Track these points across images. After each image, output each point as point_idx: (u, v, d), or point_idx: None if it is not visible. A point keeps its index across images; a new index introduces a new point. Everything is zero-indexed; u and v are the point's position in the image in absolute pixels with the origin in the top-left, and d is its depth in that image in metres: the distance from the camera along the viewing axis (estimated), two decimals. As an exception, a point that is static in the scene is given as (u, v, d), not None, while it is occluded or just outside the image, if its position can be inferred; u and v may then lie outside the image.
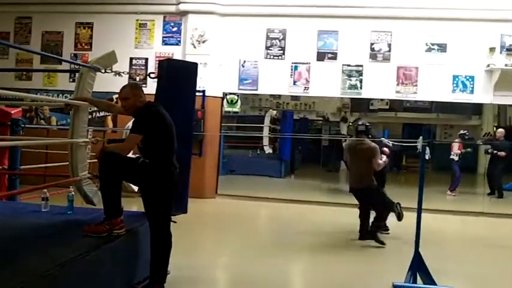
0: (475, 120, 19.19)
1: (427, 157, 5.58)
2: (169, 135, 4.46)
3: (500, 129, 13.30)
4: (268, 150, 16.77)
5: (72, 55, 11.44)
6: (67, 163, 5.32)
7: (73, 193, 5.16)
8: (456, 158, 12.82)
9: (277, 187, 13.11)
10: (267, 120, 17.03)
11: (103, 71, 5.36)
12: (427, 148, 5.54)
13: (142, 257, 4.62)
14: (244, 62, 10.88)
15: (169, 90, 5.34)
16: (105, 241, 4.06)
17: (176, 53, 10.95)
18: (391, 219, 8.72)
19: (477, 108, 19.92)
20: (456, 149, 12.90)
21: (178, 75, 5.45)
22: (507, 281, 6.00)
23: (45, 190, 5.14)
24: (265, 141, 16.79)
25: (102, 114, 11.13)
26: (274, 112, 17.02)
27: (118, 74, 5.42)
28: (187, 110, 5.56)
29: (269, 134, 16.14)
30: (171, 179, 4.46)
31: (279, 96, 19.57)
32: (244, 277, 5.62)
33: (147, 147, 4.43)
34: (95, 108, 9.43)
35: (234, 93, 11.64)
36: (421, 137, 5.68)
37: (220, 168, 14.90)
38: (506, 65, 10.08)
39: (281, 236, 7.84)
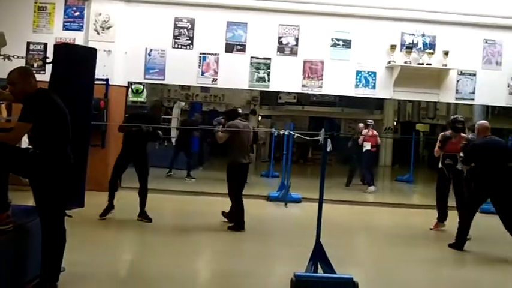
0: (377, 115, 20.04)
1: (328, 149, 5.67)
2: (62, 123, 4.19)
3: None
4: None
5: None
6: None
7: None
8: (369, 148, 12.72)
9: (190, 181, 12.93)
10: (175, 112, 16.74)
11: (-9, 53, 4.96)
12: (329, 140, 5.63)
13: (33, 254, 4.33)
14: (151, 50, 10.56)
15: (65, 76, 5.04)
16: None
17: (78, 38, 10.40)
18: (293, 210, 8.93)
19: (379, 103, 20.87)
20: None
21: (75, 61, 5.16)
22: (405, 269, 6.27)
23: None
24: (173, 133, 16.49)
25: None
26: (183, 103, 16.77)
27: (7, 58, 5.04)
28: (84, 98, 5.29)
29: (178, 126, 15.79)
30: (64, 170, 4.20)
31: (189, 87, 19.36)
32: (140, 274, 5.44)
33: (37, 136, 4.14)
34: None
35: (139, 83, 11.29)
36: (323, 130, 5.78)
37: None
38: (405, 62, 10.53)
39: (182, 229, 7.64)
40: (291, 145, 10.80)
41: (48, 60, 5.27)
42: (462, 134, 8.34)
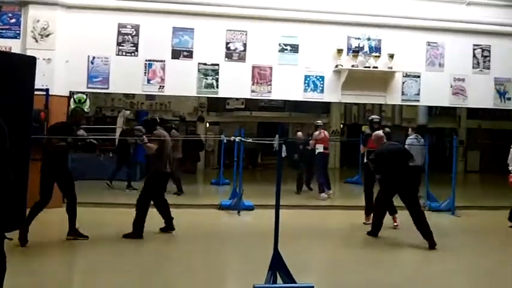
0: (324, 118, 20.18)
1: (283, 154, 5.57)
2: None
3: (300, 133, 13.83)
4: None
5: None
6: None
7: None
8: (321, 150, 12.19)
9: (130, 192, 12.49)
10: (119, 121, 16.22)
11: None
12: (284, 146, 5.53)
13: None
14: (94, 58, 10.17)
15: (1, 87, 4.69)
16: None
17: (15, 47, 9.85)
18: (246, 218, 8.77)
19: (326, 107, 21.10)
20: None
21: (11, 71, 4.82)
22: (363, 271, 6.23)
23: None
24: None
25: None
26: (128, 112, 16.27)
27: None
28: (23, 110, 4.95)
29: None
30: (2, 189, 3.86)
31: (133, 95, 18.90)
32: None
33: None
34: None
35: (82, 92, 10.85)
36: (277, 135, 5.68)
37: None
38: (352, 66, 10.62)
39: (119, 246, 7.20)
40: (242, 151, 10.64)
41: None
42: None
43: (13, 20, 10.06)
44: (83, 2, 10.13)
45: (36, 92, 9.58)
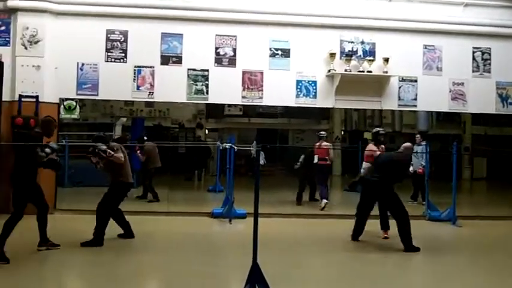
0: (325, 125, 20.02)
1: (262, 162, 5.42)
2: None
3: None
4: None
5: None
6: None
7: None
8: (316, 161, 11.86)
9: (127, 198, 12.34)
10: (118, 129, 16.17)
11: None
12: (262, 153, 5.38)
13: None
14: (83, 65, 10.08)
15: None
16: None
17: (5, 54, 9.79)
18: (238, 226, 8.57)
19: (326, 113, 20.91)
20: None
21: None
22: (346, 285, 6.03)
23: None
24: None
25: None
26: (124, 119, 16.21)
27: None
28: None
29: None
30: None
31: (132, 102, 18.86)
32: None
33: None
34: None
35: (72, 99, 10.75)
36: (254, 142, 5.52)
37: (65, 181, 13.94)
38: (345, 70, 10.44)
39: (98, 255, 7.06)
40: (233, 158, 10.45)
41: None
42: (382, 146, 9.17)
43: (3, 28, 10.01)
44: (72, 9, 10.04)
45: (25, 99, 9.76)
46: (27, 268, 6.23)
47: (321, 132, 12.48)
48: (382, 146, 9.35)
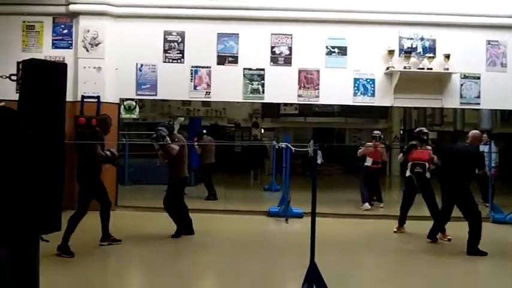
0: (383, 124, 19.61)
1: (319, 161, 5.35)
2: (22, 145, 3.86)
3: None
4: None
5: (-50, 59, 10.34)
6: None
7: None
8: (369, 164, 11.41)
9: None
10: (176, 128, 16.41)
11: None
12: (319, 152, 5.31)
13: (4, 284, 3.98)
14: (142, 66, 10.31)
15: (32, 94, 4.72)
16: None
17: (68, 56, 10.18)
18: (294, 225, 8.51)
19: (384, 112, 20.47)
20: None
21: (43, 78, 4.83)
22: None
23: None
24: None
25: None
26: (182, 119, 16.42)
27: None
28: (55, 116, 4.96)
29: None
30: (29, 194, 3.86)
31: (189, 102, 19.12)
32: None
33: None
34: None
35: (131, 99, 11.00)
36: (311, 141, 5.44)
37: (125, 179, 14.34)
38: (404, 68, 10.16)
39: (175, 251, 7.29)
40: (289, 158, 10.40)
41: (13, 78, 4.94)
42: (427, 146, 8.83)
43: (65, 31, 10.38)
44: (131, 11, 10.29)
45: (87, 100, 10.08)
46: (91, 262, 6.45)
47: (376, 132, 11.90)
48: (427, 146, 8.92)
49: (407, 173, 8.62)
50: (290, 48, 10.30)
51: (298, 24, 10.29)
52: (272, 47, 10.31)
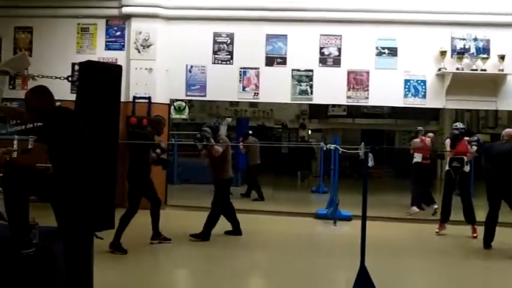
0: (433, 126, 19.16)
1: (370, 164, 5.28)
2: (80, 143, 3.99)
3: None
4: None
5: (11, 61, 10.79)
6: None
7: (-15, 209, 4.63)
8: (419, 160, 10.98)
9: (232, 196, 12.62)
10: (223, 129, 16.57)
11: (13, 73, 4.87)
12: (371, 155, 5.25)
13: (58, 277, 4.13)
14: (192, 67, 10.46)
15: (88, 94, 4.86)
16: (11, 263, 3.66)
17: (120, 58, 10.44)
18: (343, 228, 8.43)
19: (435, 114, 19.99)
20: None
21: (98, 79, 4.98)
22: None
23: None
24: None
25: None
26: (230, 120, 16.59)
27: (32, 77, 4.92)
28: (109, 116, 5.10)
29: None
30: (85, 192, 3.99)
31: (237, 103, 19.25)
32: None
33: (55, 157, 3.96)
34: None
35: (181, 100, 11.18)
36: (362, 143, 5.38)
37: (174, 178, 14.56)
38: (457, 69, 9.91)
39: (203, 249, 7.30)
40: (338, 159, 10.32)
41: (70, 79, 5.09)
42: (465, 138, 8.80)
43: (118, 33, 10.66)
44: (181, 14, 10.45)
45: (139, 100, 10.32)
46: (141, 259, 6.59)
47: (419, 128, 11.56)
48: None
49: (446, 167, 8.78)
50: (339, 49, 10.23)
51: (347, 25, 10.20)
52: (321, 48, 10.25)
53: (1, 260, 3.72)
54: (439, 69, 10.00)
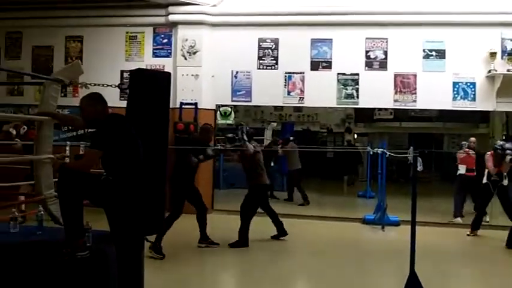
0: (483, 129, 18.62)
1: (419, 168, 5.21)
2: (132, 150, 4.10)
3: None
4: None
5: (63, 69, 11.17)
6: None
7: (42, 212, 4.81)
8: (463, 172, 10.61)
9: (277, 201, 12.65)
10: (268, 134, 16.64)
11: (68, 82, 5.05)
12: (419, 159, 5.18)
13: (112, 280, 4.25)
14: (237, 72, 10.56)
15: (139, 101, 4.99)
16: (66, 266, 3.77)
17: (167, 65, 10.66)
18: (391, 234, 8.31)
19: (485, 116, 19.40)
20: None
21: (149, 86, 5.10)
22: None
23: (14, 210, 4.79)
24: (265, 154, 16.38)
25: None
26: (275, 124, 16.62)
27: (84, 85, 5.09)
28: (159, 122, 5.21)
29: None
30: (136, 197, 4.10)
31: (282, 108, 19.25)
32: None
33: (108, 163, 4.08)
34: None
35: (227, 105, 11.29)
36: (411, 148, 5.32)
37: (220, 183, 14.69)
38: (508, 71, 9.63)
39: (248, 255, 7.33)
40: (385, 164, 10.17)
41: (121, 87, 5.24)
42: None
43: (165, 40, 10.88)
44: (226, 20, 10.56)
45: (185, 106, 10.48)
46: (188, 262, 6.70)
47: (463, 143, 11.02)
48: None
49: (484, 180, 8.81)
50: (385, 52, 10.13)
51: (393, 27, 10.09)
52: (367, 52, 10.18)
53: (56, 263, 3.84)
54: (489, 71, 9.76)
